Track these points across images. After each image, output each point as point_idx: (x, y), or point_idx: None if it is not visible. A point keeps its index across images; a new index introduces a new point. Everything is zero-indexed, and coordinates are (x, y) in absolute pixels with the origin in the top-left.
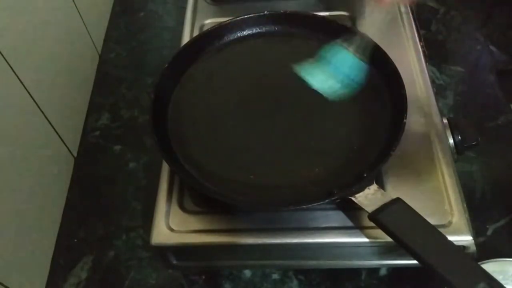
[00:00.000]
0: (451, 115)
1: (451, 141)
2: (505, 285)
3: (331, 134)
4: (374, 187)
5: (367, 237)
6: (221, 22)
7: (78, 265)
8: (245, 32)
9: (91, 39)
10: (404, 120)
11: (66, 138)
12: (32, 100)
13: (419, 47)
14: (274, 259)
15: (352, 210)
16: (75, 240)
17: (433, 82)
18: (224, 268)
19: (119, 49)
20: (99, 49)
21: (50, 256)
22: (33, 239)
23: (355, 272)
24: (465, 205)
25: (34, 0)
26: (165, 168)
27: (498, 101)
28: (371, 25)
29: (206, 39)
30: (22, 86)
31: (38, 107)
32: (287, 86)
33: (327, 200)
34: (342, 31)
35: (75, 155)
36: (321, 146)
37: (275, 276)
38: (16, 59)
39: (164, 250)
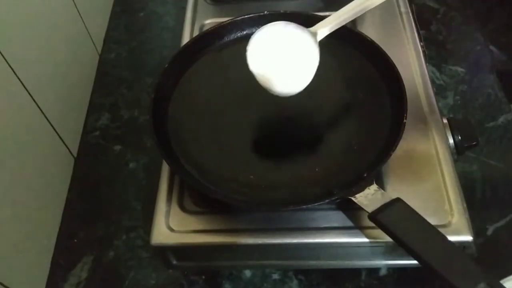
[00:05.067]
0: (451, 115)
1: (451, 141)
2: None
3: (331, 134)
4: (374, 187)
5: (367, 237)
6: (221, 22)
7: (78, 265)
8: (245, 32)
9: (91, 39)
10: (404, 120)
11: (66, 138)
12: (32, 100)
13: (419, 47)
14: (274, 259)
15: (352, 210)
16: (75, 240)
17: (433, 82)
18: (224, 268)
19: (119, 49)
20: (99, 49)
21: (50, 256)
22: (33, 239)
23: (355, 272)
24: (465, 205)
25: (34, 1)
26: (165, 168)
27: (498, 101)
28: (371, 25)
29: (206, 39)
30: (22, 86)
31: (38, 107)
32: None
33: (327, 200)
34: (342, 31)
35: (75, 155)
36: (321, 146)
37: (275, 276)
38: (16, 59)
39: (164, 250)
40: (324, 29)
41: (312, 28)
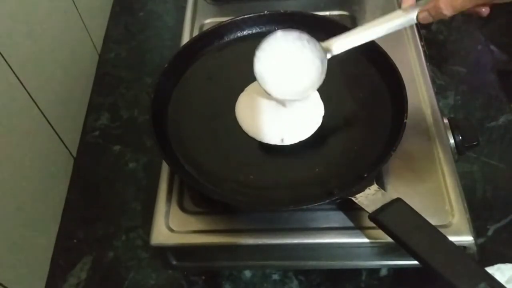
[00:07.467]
0: (452, 115)
1: (451, 141)
2: None
3: (331, 134)
4: (374, 187)
5: (368, 237)
6: (221, 22)
7: (77, 266)
8: (245, 32)
9: (91, 39)
10: (405, 120)
11: (65, 138)
12: (32, 100)
13: (420, 47)
14: (274, 260)
15: (352, 211)
16: (75, 240)
17: (433, 82)
18: (224, 269)
19: (118, 49)
20: (99, 49)
21: (50, 256)
22: (33, 239)
23: (356, 272)
24: (465, 205)
25: (33, 1)
26: (165, 168)
27: (499, 101)
28: None
29: (206, 39)
30: (22, 86)
31: (38, 107)
32: None
33: (327, 200)
34: (342, 31)
35: (75, 155)
36: (321, 146)
37: (275, 276)
38: (16, 59)
39: (163, 251)
40: (338, 47)
41: (325, 43)
